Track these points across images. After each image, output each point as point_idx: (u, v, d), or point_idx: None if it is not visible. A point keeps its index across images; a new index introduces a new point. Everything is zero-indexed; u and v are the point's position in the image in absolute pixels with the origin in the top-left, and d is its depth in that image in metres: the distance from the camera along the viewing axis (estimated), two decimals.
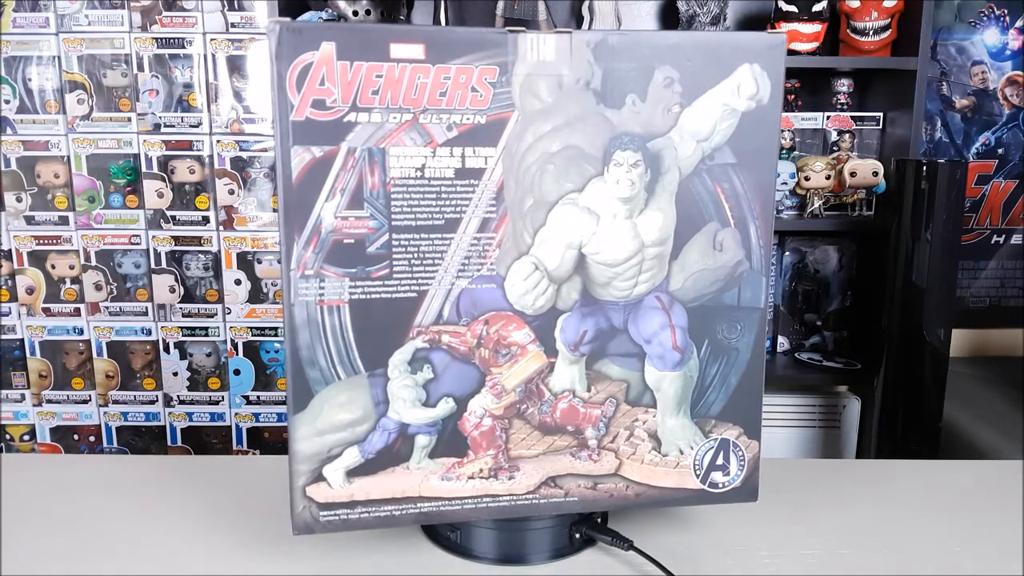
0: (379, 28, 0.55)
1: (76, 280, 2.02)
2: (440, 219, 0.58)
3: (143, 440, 2.10)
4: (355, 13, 1.76)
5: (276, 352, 2.04)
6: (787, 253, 2.00)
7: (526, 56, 0.56)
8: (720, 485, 0.66)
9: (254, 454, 2.08)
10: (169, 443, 2.09)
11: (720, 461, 0.65)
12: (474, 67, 0.56)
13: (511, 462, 0.62)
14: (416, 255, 0.58)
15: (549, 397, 0.62)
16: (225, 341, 2.04)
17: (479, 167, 0.57)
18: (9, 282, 2.02)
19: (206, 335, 2.04)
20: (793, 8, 1.76)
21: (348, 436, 0.59)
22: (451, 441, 0.61)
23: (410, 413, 0.60)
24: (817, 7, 1.75)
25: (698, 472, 0.65)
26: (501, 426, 0.62)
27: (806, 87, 1.94)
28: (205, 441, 2.09)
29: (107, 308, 2.03)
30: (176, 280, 2.02)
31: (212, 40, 1.91)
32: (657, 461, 0.64)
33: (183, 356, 2.05)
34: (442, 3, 1.85)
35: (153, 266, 2.01)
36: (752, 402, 0.65)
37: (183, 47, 1.92)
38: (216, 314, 2.03)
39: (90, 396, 2.08)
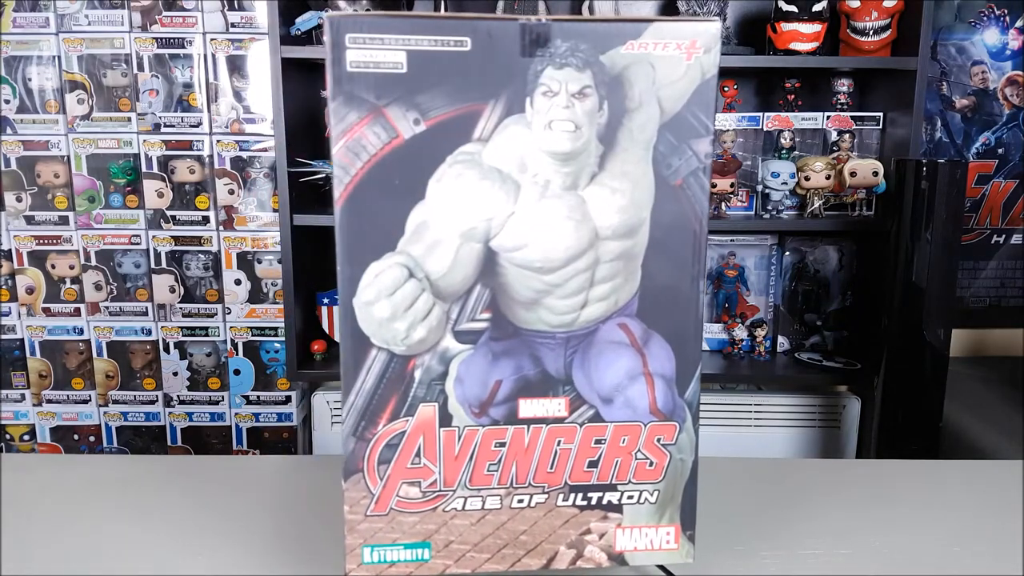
0: None
1: (76, 280, 2.02)
2: None
3: (143, 440, 2.10)
4: None
5: (276, 352, 2.04)
6: (787, 253, 2.00)
7: None
8: None
9: (254, 454, 2.08)
10: (169, 443, 2.09)
11: None
12: None
13: None
14: None
15: None
16: (225, 341, 2.04)
17: None
18: (9, 282, 2.02)
19: (206, 335, 2.04)
20: (793, 8, 1.76)
21: None
22: None
23: None
24: (817, 7, 1.76)
25: None
26: None
27: (806, 87, 1.94)
28: (205, 441, 2.09)
29: (107, 308, 2.03)
30: (176, 280, 2.02)
31: (212, 40, 1.91)
32: None
33: (183, 356, 2.06)
34: (442, 4, 1.85)
35: (153, 266, 2.01)
36: None
37: (183, 47, 1.92)
38: (216, 314, 2.03)
39: (90, 396, 2.08)
